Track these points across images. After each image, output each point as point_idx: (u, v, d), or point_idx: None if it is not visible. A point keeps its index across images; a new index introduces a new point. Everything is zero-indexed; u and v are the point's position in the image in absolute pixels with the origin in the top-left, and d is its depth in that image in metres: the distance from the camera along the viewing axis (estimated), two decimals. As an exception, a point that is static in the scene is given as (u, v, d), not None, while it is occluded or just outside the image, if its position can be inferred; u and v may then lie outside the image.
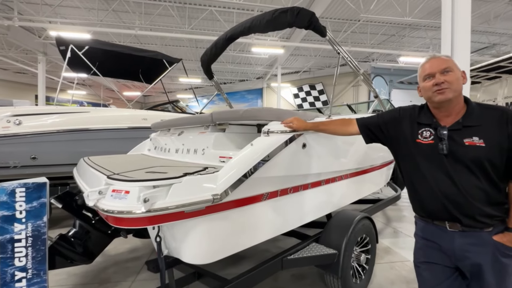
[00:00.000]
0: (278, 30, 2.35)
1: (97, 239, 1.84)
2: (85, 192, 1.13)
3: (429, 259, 1.18)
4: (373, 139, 1.39)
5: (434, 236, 1.16)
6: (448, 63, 1.11)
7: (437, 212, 1.13)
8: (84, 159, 2.16)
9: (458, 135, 1.07)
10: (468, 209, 1.05)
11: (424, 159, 1.14)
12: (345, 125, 1.46)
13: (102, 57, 4.45)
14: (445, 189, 1.08)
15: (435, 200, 1.12)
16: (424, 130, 1.16)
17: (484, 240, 1.05)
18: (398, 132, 1.25)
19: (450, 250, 1.11)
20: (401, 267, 2.61)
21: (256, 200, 1.47)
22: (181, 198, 1.14)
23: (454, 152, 1.07)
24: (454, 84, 1.08)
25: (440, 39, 9.25)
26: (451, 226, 1.10)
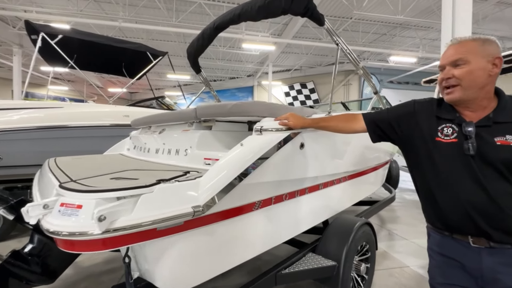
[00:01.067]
0: (271, 17, 2.13)
1: (61, 255, 1.57)
2: (25, 207, 0.88)
3: (450, 280, 0.99)
4: (382, 137, 1.18)
5: (455, 253, 0.98)
6: (462, 52, 0.91)
7: (460, 224, 0.95)
8: (49, 161, 1.87)
9: (488, 133, 0.90)
10: (500, 222, 0.88)
11: (445, 161, 0.96)
12: (349, 121, 1.25)
13: (80, 48, 4.08)
14: (472, 197, 0.91)
15: (458, 210, 0.94)
16: (445, 126, 0.98)
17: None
18: (413, 129, 1.06)
19: (476, 271, 0.93)
20: (400, 274, 2.47)
21: (247, 210, 1.25)
22: (152, 213, 0.90)
23: (483, 152, 0.89)
24: (466, 80, 0.90)
25: (429, 39, 9.32)
26: (475, 241, 0.93)
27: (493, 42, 0.93)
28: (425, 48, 10.83)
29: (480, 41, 0.92)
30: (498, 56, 0.91)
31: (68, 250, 0.87)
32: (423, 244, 3.17)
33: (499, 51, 0.93)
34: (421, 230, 3.58)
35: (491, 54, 0.91)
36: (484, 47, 0.91)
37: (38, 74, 7.87)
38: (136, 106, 4.45)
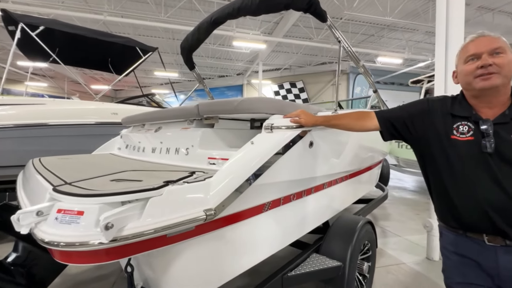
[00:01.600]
0: (272, 12, 2.07)
1: (49, 265, 1.44)
2: (15, 214, 0.77)
3: (467, 279, 0.98)
4: (395, 136, 1.16)
5: (471, 252, 0.97)
6: (499, 42, 0.90)
7: (477, 223, 0.94)
8: (33, 161, 1.72)
9: (506, 130, 0.89)
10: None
11: (462, 159, 0.95)
12: (362, 119, 1.21)
13: (63, 41, 3.83)
14: (490, 196, 0.90)
15: (476, 209, 0.93)
16: (460, 124, 0.97)
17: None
18: (428, 127, 1.04)
19: (493, 269, 0.92)
20: (397, 271, 2.50)
21: (257, 212, 1.18)
22: (161, 218, 0.82)
23: (501, 151, 0.88)
24: (505, 69, 0.89)
25: (414, 41, 9.61)
26: (490, 239, 0.92)
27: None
28: (411, 50, 11.17)
29: (504, 39, 0.92)
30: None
31: (66, 262, 0.77)
32: (415, 240, 3.25)
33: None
34: (411, 227, 3.69)
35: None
36: (508, 45, 0.92)
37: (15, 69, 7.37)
38: (125, 103, 4.24)
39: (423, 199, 5.37)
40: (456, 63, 1.02)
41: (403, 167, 6.21)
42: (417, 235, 3.34)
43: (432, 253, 2.70)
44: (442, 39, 2.71)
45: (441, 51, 2.72)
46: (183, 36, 10.43)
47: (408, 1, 7.88)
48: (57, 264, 1.52)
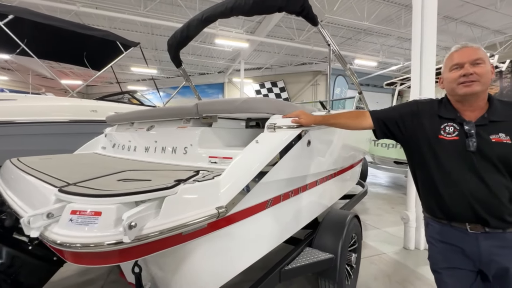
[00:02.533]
0: (265, 14, 2.11)
1: (36, 270, 1.35)
2: (24, 217, 0.73)
3: (452, 264, 1.09)
4: (387, 134, 1.25)
5: (455, 239, 1.08)
6: (479, 53, 1.02)
7: (461, 213, 1.05)
8: (12, 161, 1.60)
9: (485, 131, 1.01)
10: (496, 209, 0.99)
11: (448, 157, 1.05)
12: (357, 118, 1.29)
13: (33, 32, 3.53)
14: (473, 188, 1.01)
15: (460, 200, 1.04)
16: (447, 125, 1.07)
17: (510, 242, 1.00)
18: (417, 127, 1.14)
19: (475, 254, 1.04)
20: (379, 261, 2.68)
21: (261, 208, 1.22)
22: (177, 217, 0.83)
23: (481, 149, 1.00)
24: (484, 77, 1.01)
25: (388, 45, 10.20)
26: (472, 227, 1.03)
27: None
28: (385, 54, 11.84)
29: (482, 50, 1.04)
30: (492, 65, 1.10)
31: (80, 264, 0.76)
32: (392, 232, 3.49)
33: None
34: (389, 220, 3.95)
35: (489, 62, 1.05)
36: (487, 56, 1.04)
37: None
38: (105, 100, 4.03)
39: (397, 194, 5.76)
40: (442, 71, 1.14)
41: (378, 164, 6.60)
42: (394, 227, 3.60)
43: (408, 243, 2.93)
44: (417, 45, 2.94)
45: (417, 56, 2.94)
46: (162, 31, 10.11)
47: (383, 7, 8.36)
48: (45, 270, 1.45)
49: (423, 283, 2.27)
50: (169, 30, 9.79)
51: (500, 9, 7.59)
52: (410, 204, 2.94)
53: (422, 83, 2.90)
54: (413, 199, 2.93)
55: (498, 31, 10.08)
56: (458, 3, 7.45)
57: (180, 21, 8.27)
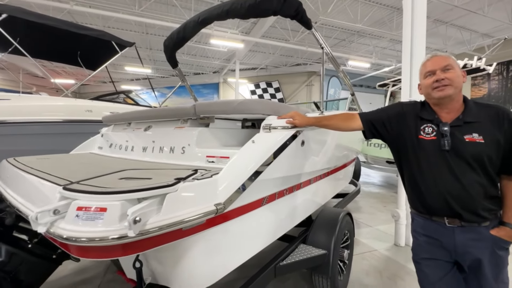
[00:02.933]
0: (261, 17, 2.15)
1: (36, 268, 1.38)
2: (32, 213, 0.77)
3: (431, 255, 1.18)
4: (375, 134, 1.33)
5: (435, 233, 1.16)
6: (449, 60, 1.12)
7: (439, 208, 1.13)
8: (9, 161, 1.62)
9: (459, 131, 1.09)
10: (470, 204, 1.07)
11: (427, 155, 1.14)
12: (348, 120, 1.37)
13: (25, 30, 3.50)
14: (449, 185, 1.09)
15: (437, 196, 1.12)
16: (426, 126, 1.16)
17: (483, 235, 1.08)
18: (402, 127, 1.22)
19: (451, 246, 1.12)
20: (371, 257, 2.76)
21: (257, 206, 1.28)
22: (177, 213, 0.87)
23: (455, 148, 1.08)
24: (455, 81, 1.09)
25: (380, 47, 10.40)
26: (450, 221, 1.11)
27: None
28: (377, 55, 12.04)
29: (452, 58, 1.16)
30: (463, 70, 1.17)
31: (85, 257, 0.80)
32: (384, 229, 3.59)
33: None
34: (381, 218, 4.06)
35: (460, 68, 1.15)
36: (456, 62, 1.15)
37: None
38: (100, 100, 4.02)
39: (389, 192, 5.89)
40: (419, 78, 1.23)
41: (371, 163, 6.74)
42: (386, 224, 3.70)
43: (399, 240, 3.03)
44: (408, 48, 3.04)
45: (407, 59, 3.04)
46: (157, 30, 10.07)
47: (376, 10, 8.52)
48: (45, 268, 1.47)
49: (412, 277, 2.35)
50: (163, 30, 9.76)
51: (488, 13, 7.83)
52: (400, 202, 3.04)
53: (412, 85, 2.99)
54: (403, 198, 3.03)
55: (486, 34, 10.38)
56: (447, 7, 7.65)
57: (175, 21, 8.26)
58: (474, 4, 7.56)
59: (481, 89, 12.12)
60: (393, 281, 2.30)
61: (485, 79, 11.82)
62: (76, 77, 15.12)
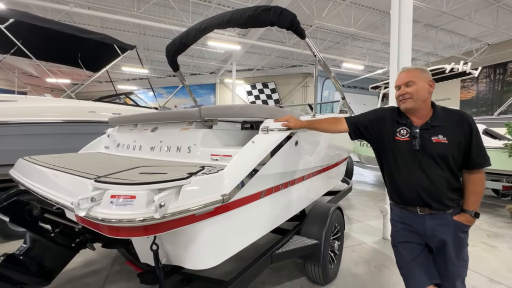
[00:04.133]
0: (258, 27, 2.33)
1: (57, 255, 1.54)
2: (75, 200, 0.93)
3: (406, 239, 1.37)
4: (359, 136, 1.51)
5: (409, 220, 1.35)
6: (411, 77, 1.29)
7: (412, 199, 1.32)
8: (27, 159, 1.76)
9: (427, 134, 1.26)
10: (436, 195, 1.26)
11: (401, 154, 1.32)
12: (336, 123, 1.56)
13: (28, 33, 3.60)
14: (419, 179, 1.27)
15: (411, 189, 1.30)
16: (401, 128, 1.33)
17: (448, 220, 1.27)
18: (382, 129, 1.40)
19: (421, 230, 1.31)
20: (360, 249, 2.97)
21: (256, 198, 1.46)
22: (191, 201, 1.05)
23: (424, 148, 1.25)
24: (415, 95, 1.27)
25: (374, 50, 10.69)
26: (421, 210, 1.30)
27: (427, 71, 1.34)
28: (371, 58, 12.37)
29: (420, 70, 1.32)
30: (431, 80, 1.32)
31: (114, 235, 0.97)
32: (374, 225, 3.82)
33: (431, 76, 1.34)
34: (371, 214, 4.29)
35: (427, 78, 1.31)
36: (423, 74, 1.31)
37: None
38: (102, 102, 4.15)
39: (380, 190, 6.13)
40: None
41: (364, 163, 6.99)
42: (376, 220, 3.92)
43: (387, 233, 3.24)
44: (395, 54, 3.26)
45: (394, 64, 3.26)
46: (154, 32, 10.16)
47: (369, 15, 8.80)
48: (65, 255, 1.63)
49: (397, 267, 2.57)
50: (161, 31, 9.88)
51: (474, 19, 8.17)
52: (388, 198, 3.26)
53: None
54: (391, 194, 3.24)
55: (475, 38, 10.77)
56: (436, 13, 7.96)
57: (173, 23, 8.40)
58: (461, 10, 7.88)
59: (470, 91, 12.55)
60: (379, 270, 2.50)
61: (474, 82, 12.24)
62: (72, 77, 15.07)
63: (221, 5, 8.07)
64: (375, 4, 8.34)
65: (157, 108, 4.94)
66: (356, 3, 8.21)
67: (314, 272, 2.09)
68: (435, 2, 7.59)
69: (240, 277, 1.49)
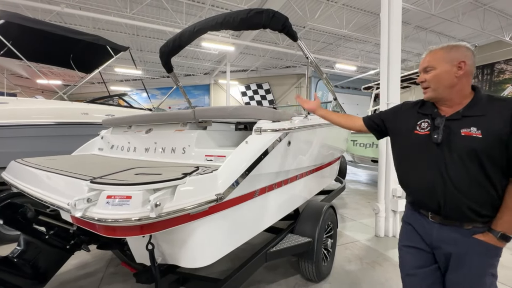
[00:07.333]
0: (251, 30, 2.36)
1: (52, 257, 1.54)
2: (71, 201, 0.95)
3: (411, 243, 1.19)
4: (378, 131, 1.36)
5: (417, 223, 1.17)
6: (430, 60, 1.07)
7: (422, 201, 1.12)
8: (20, 162, 1.76)
9: (456, 125, 1.01)
10: (454, 202, 1.00)
11: (417, 149, 1.12)
12: (352, 119, 1.47)
13: (18, 34, 3.56)
14: (431, 179, 1.05)
15: (421, 189, 1.10)
16: (423, 121, 1.12)
17: (463, 236, 1.02)
18: (398, 124, 1.24)
19: (429, 238, 1.12)
20: (353, 247, 3.03)
21: (250, 197, 1.49)
22: (186, 201, 1.08)
23: (448, 141, 1.01)
24: (434, 82, 1.06)
25: (366, 51, 10.86)
26: (432, 217, 1.09)
27: (460, 48, 1.03)
28: (363, 59, 12.55)
29: (447, 48, 1.05)
30: (462, 60, 1.01)
31: (110, 235, 0.99)
32: (367, 223, 3.89)
33: (465, 55, 1.02)
34: (364, 213, 4.37)
35: (455, 59, 1.02)
36: (450, 54, 1.03)
37: None
38: (95, 103, 4.12)
39: (373, 189, 6.23)
40: None
41: (358, 163, 7.10)
42: (369, 218, 3.99)
43: (379, 231, 3.32)
44: (385, 55, 3.35)
45: (384, 65, 3.35)
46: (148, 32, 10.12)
47: (361, 16, 8.94)
48: (60, 257, 1.63)
49: (389, 263, 2.63)
50: (154, 32, 9.82)
51: (462, 21, 8.39)
52: (380, 196, 3.33)
53: (389, 88, 3.30)
54: (383, 192, 3.32)
55: (463, 40, 11.03)
56: (426, 15, 8.15)
57: (166, 24, 8.37)
58: (449, 12, 8.09)
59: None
60: (372, 267, 2.56)
61: (463, 82, 12.51)
62: (63, 78, 14.84)
63: (215, 6, 8.08)
64: (366, 6, 8.49)
65: (150, 109, 4.92)
66: (348, 5, 8.34)
67: (308, 270, 2.14)
68: (424, 4, 7.77)
69: (235, 275, 1.51)
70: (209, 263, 1.28)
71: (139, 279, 1.32)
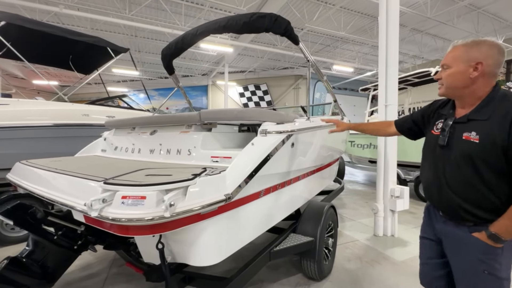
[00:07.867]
0: (254, 33, 2.42)
1: (60, 257, 1.56)
2: (88, 201, 0.98)
3: (425, 234, 1.27)
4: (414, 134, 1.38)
5: (431, 217, 1.24)
6: (448, 58, 1.05)
7: (428, 197, 1.22)
8: (25, 163, 1.78)
9: (460, 129, 1.03)
10: (446, 200, 1.07)
11: (429, 148, 1.18)
12: (386, 126, 1.49)
13: (18, 35, 3.55)
14: (433, 179, 1.13)
15: (428, 187, 1.19)
16: (439, 121, 1.15)
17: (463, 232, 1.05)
18: (426, 123, 1.27)
19: (436, 229, 1.19)
20: (353, 246, 3.09)
21: (256, 197, 1.53)
22: (197, 201, 1.11)
23: (450, 145, 1.05)
24: (446, 81, 1.06)
25: (363, 53, 11.00)
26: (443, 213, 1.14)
27: (483, 46, 0.97)
28: (360, 60, 12.68)
29: (469, 45, 1.00)
30: (480, 61, 0.97)
31: (124, 234, 1.02)
32: (365, 223, 3.95)
33: (486, 55, 0.96)
34: (363, 212, 4.44)
35: (472, 59, 0.98)
36: (468, 52, 0.99)
37: None
38: (96, 105, 4.13)
39: (371, 190, 6.31)
40: None
41: (355, 163, 7.18)
42: (367, 218, 4.06)
43: (378, 230, 3.38)
44: (383, 58, 3.41)
45: (382, 67, 3.41)
46: (146, 34, 10.17)
47: (358, 19, 9.06)
48: (68, 257, 1.65)
49: (388, 262, 2.69)
50: (153, 33, 9.81)
51: (457, 24, 8.56)
52: (379, 196, 3.39)
53: (387, 89, 3.36)
54: (381, 192, 3.38)
55: (458, 42, 11.22)
56: (421, 18, 8.29)
57: (165, 25, 8.38)
58: (444, 15, 8.24)
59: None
60: (371, 265, 2.62)
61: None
62: (60, 79, 14.73)
63: (214, 8, 8.12)
64: (363, 9, 8.60)
65: (149, 110, 4.94)
66: (346, 7, 8.45)
67: (310, 268, 2.18)
68: (420, 7, 7.91)
69: (241, 273, 1.55)
70: (217, 261, 1.31)
71: (150, 278, 1.35)
